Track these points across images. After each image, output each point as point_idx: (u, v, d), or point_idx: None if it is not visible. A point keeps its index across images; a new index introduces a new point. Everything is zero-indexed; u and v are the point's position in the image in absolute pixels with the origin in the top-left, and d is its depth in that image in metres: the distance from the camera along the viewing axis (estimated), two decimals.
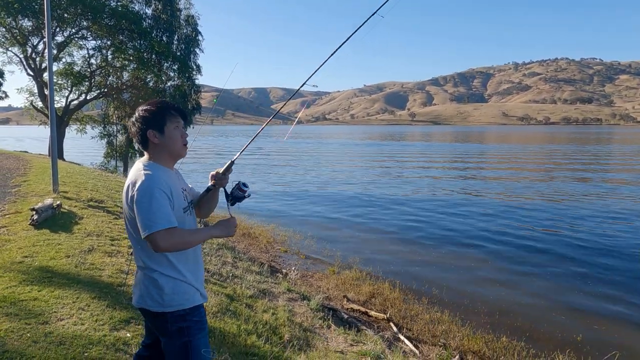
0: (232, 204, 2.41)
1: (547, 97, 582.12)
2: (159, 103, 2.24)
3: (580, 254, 10.05)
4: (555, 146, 60.90)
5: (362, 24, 2.88)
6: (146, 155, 2.22)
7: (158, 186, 2.05)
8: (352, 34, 2.84)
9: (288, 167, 31.48)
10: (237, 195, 2.36)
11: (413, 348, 5.56)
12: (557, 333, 6.42)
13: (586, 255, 9.91)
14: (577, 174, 26.16)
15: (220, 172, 2.39)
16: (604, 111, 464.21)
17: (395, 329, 6.10)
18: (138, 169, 2.14)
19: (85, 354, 3.14)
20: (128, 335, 3.51)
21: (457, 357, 5.43)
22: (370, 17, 2.92)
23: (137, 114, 2.20)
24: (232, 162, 2.46)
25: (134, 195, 2.04)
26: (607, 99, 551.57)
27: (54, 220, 6.73)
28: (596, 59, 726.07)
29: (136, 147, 26.52)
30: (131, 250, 6.04)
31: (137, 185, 2.04)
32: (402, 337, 5.83)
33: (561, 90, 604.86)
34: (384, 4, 2.92)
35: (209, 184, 2.41)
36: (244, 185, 2.37)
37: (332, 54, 2.92)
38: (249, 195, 2.38)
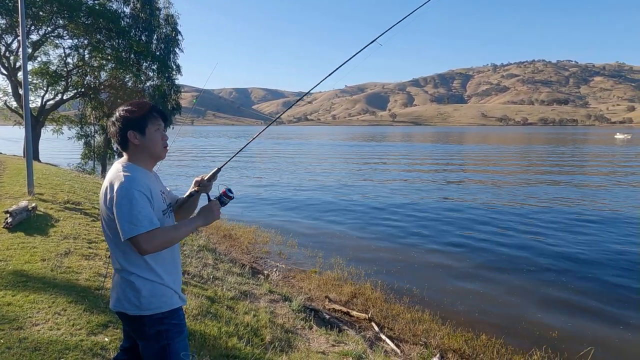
0: None
1: (524, 98, 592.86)
2: (141, 104, 2.20)
3: (555, 255, 10.25)
4: (534, 147, 62.07)
5: (360, 51, 2.99)
6: (125, 156, 2.19)
7: (138, 188, 2.02)
8: (350, 58, 2.91)
9: (268, 169, 31.37)
10: (222, 200, 2.36)
11: (394, 347, 5.60)
12: (534, 330, 6.54)
13: (560, 256, 10.11)
14: (552, 177, 26.73)
15: (206, 178, 2.41)
16: (579, 112, 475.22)
17: (376, 328, 6.14)
18: (117, 170, 2.10)
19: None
20: (106, 339, 3.45)
21: (437, 355, 5.49)
22: (369, 44, 3.01)
23: (117, 114, 2.16)
24: (219, 170, 2.48)
25: (113, 197, 2.00)
26: (583, 100, 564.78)
27: (29, 223, 6.57)
28: (572, 61, 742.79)
29: (115, 148, 26.12)
30: (109, 253, 5.95)
31: (116, 187, 2.01)
32: (383, 337, 5.87)
33: (538, 92, 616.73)
34: (383, 33, 3.03)
35: (192, 190, 2.41)
36: (230, 191, 2.37)
37: (328, 75, 3.04)
38: (232, 199, 2.39)
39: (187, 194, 2.42)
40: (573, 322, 6.87)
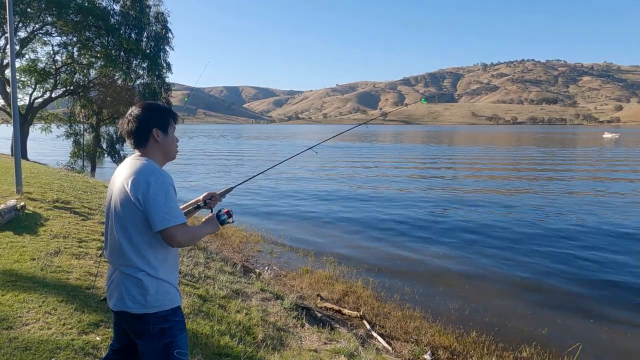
0: None
1: (514, 98, 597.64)
2: (160, 105, 2.31)
3: (544, 255, 10.34)
4: (523, 149, 62.56)
5: None
6: (138, 153, 2.19)
7: (170, 182, 2.08)
8: None
9: (250, 170, 31.29)
10: (223, 219, 2.39)
11: (386, 345, 5.63)
12: (524, 327, 6.62)
13: (550, 257, 10.20)
14: (542, 182, 27.00)
15: (217, 194, 2.50)
16: (568, 111, 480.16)
17: (368, 326, 6.17)
18: (142, 163, 2.10)
19: (53, 359, 3.06)
20: (97, 338, 3.43)
21: (428, 352, 5.54)
22: None
23: (139, 111, 2.18)
24: (231, 189, 2.58)
25: (146, 188, 2.00)
26: (571, 99, 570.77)
27: (17, 222, 6.50)
28: (561, 60, 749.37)
29: (105, 146, 25.90)
30: (100, 252, 5.88)
31: (150, 178, 2.02)
32: (375, 335, 5.90)
33: (528, 91, 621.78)
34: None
35: (201, 202, 2.48)
36: (232, 212, 2.42)
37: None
38: (232, 222, 2.43)
39: (193, 202, 2.50)
40: (562, 320, 6.96)
